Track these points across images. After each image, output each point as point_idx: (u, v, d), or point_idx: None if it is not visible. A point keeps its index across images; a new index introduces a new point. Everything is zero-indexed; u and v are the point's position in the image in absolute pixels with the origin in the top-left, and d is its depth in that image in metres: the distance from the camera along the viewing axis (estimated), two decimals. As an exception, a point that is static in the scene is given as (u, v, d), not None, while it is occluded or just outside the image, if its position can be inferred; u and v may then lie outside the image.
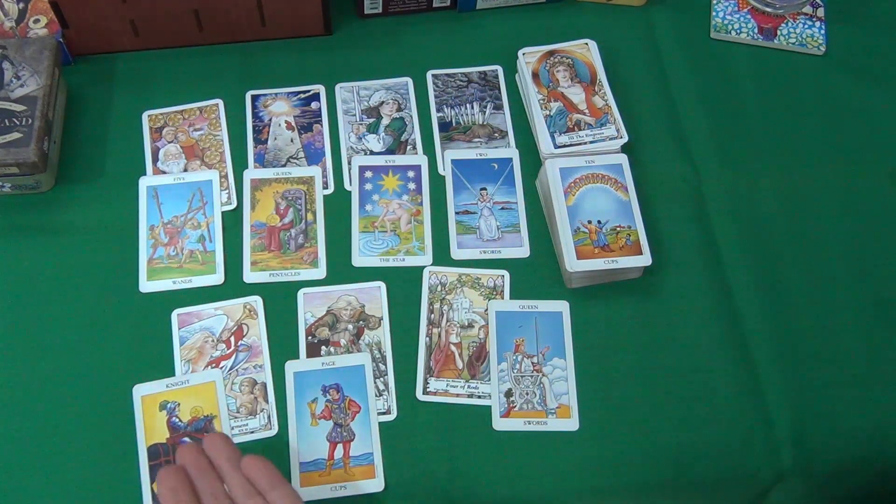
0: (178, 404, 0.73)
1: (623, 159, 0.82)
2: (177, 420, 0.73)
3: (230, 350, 0.76)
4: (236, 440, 0.72)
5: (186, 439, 0.72)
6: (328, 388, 0.74)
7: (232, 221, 0.82)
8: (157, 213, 0.82)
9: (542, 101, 0.85)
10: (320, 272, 0.80)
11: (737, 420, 0.75)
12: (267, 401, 0.74)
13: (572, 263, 0.77)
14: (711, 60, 0.93)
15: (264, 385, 0.75)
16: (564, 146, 0.82)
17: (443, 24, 0.94)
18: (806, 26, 0.95)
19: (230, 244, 0.81)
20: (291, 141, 0.87)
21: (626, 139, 0.83)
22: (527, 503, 0.72)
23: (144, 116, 0.87)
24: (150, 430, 0.72)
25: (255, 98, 0.89)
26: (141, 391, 0.74)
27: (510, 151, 0.86)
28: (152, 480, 0.70)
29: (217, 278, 0.79)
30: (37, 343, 0.76)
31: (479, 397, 0.75)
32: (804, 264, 0.82)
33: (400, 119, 0.88)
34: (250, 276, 0.79)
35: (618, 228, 0.79)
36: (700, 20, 0.95)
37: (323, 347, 0.76)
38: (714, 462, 0.73)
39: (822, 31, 0.94)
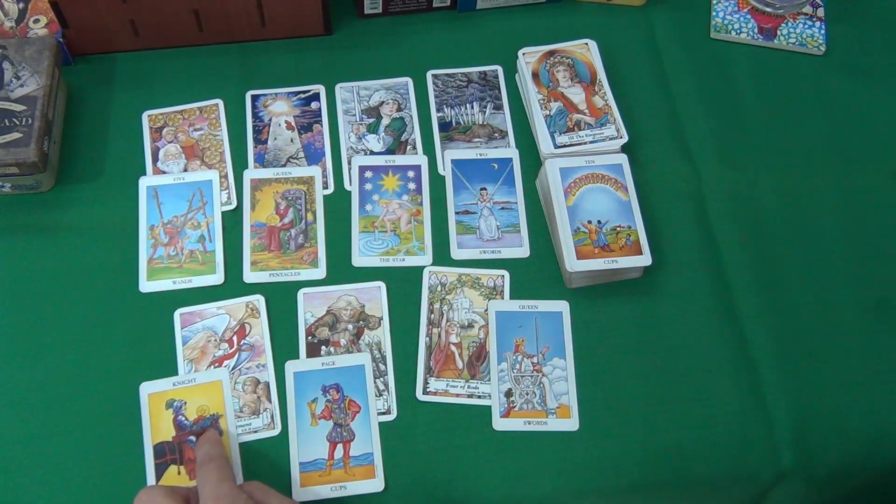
0: (185, 403, 0.73)
1: (623, 159, 0.82)
2: (183, 418, 0.73)
3: (233, 349, 0.76)
4: (240, 440, 0.72)
5: (192, 438, 0.72)
6: (328, 388, 0.74)
7: (232, 221, 0.82)
8: (157, 213, 0.82)
9: (542, 101, 0.85)
10: (320, 272, 0.80)
11: (737, 420, 0.75)
12: (270, 400, 0.74)
13: (572, 263, 0.77)
14: (711, 60, 0.93)
15: (267, 384, 0.75)
16: (564, 146, 0.82)
17: (443, 24, 0.94)
18: (806, 26, 0.95)
19: (230, 244, 0.81)
20: (291, 141, 0.87)
21: (626, 139, 0.83)
22: (527, 503, 0.72)
23: (144, 116, 0.87)
24: (156, 428, 0.72)
25: (255, 98, 0.89)
26: (148, 389, 0.74)
27: (510, 151, 0.86)
28: (158, 478, 0.70)
29: (217, 278, 0.79)
30: (37, 343, 0.76)
31: (479, 397, 0.75)
32: (804, 264, 0.82)
33: (400, 119, 0.88)
34: (250, 276, 0.79)
35: (618, 228, 0.79)
36: (700, 20, 0.95)
37: (323, 347, 0.76)
38: (714, 462, 0.73)
39: (822, 31, 0.94)
